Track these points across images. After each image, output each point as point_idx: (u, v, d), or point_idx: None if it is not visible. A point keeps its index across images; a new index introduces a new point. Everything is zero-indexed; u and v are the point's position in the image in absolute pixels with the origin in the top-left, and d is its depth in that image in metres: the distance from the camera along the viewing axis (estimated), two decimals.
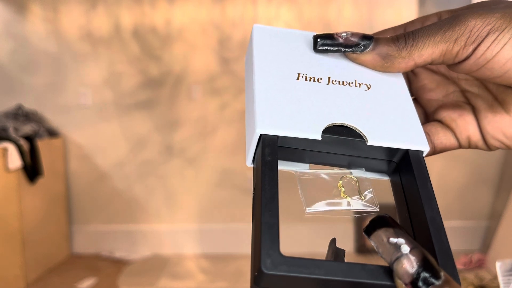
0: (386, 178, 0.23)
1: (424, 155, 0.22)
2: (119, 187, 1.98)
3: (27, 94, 1.93)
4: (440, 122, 0.27)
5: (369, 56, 0.22)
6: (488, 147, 0.26)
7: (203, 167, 1.96)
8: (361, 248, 1.94)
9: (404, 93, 0.24)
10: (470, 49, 0.21)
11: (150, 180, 1.97)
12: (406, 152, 0.21)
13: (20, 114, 1.83)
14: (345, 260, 0.19)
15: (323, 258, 0.20)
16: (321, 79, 0.23)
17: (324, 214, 0.20)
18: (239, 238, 1.97)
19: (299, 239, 1.95)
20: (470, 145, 0.26)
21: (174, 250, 1.98)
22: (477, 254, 1.76)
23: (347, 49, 0.22)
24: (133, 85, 1.93)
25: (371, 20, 1.89)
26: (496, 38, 0.20)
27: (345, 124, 0.21)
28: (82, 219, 2.00)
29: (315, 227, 1.95)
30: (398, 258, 0.16)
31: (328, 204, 0.21)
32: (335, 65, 0.23)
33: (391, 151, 0.22)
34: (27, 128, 1.74)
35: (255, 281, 0.16)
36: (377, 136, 0.21)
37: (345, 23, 1.89)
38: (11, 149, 1.57)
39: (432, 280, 0.15)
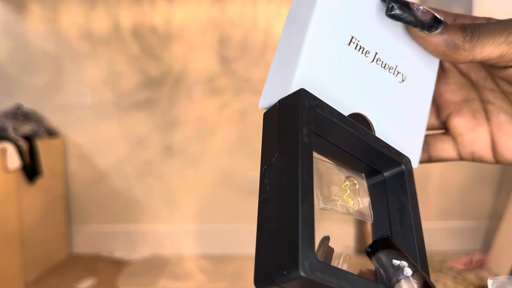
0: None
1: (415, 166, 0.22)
2: (118, 187, 1.97)
3: (26, 94, 1.93)
4: (446, 131, 0.27)
5: (435, 39, 0.22)
6: (498, 161, 0.26)
7: (203, 167, 1.96)
8: (362, 250, 1.94)
9: (427, 97, 0.24)
10: None
11: (149, 180, 1.97)
12: (402, 172, 0.21)
13: (20, 114, 1.83)
14: (344, 262, 0.19)
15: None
16: (368, 52, 0.22)
17: (331, 213, 0.20)
18: (239, 238, 1.97)
19: None
20: (473, 159, 0.26)
21: (174, 250, 1.97)
22: (478, 254, 1.76)
23: (417, 25, 0.21)
24: (133, 85, 1.93)
25: None
26: None
27: (362, 114, 0.21)
28: (82, 219, 2.00)
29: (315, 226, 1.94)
30: (399, 281, 0.16)
31: (336, 205, 0.20)
32: (386, 40, 0.22)
33: (388, 162, 0.22)
34: (26, 128, 1.74)
35: (278, 279, 0.15)
36: (383, 134, 0.21)
37: None
38: (10, 149, 1.57)
39: None
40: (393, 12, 0.21)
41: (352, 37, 0.21)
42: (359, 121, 0.21)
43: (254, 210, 1.96)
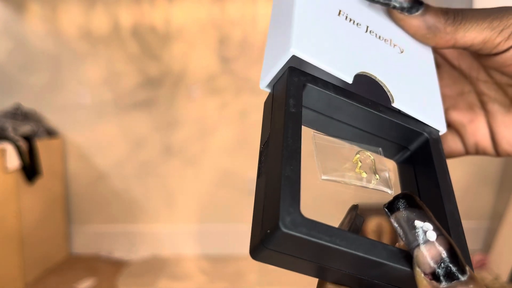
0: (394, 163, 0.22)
1: (440, 134, 0.21)
2: (118, 187, 1.97)
3: (25, 93, 1.92)
4: (448, 125, 0.26)
5: (415, 21, 0.21)
6: (498, 153, 0.25)
7: (203, 167, 1.95)
8: None
9: (431, 69, 0.23)
10: None
11: (149, 180, 1.97)
12: (426, 141, 0.20)
13: (19, 114, 1.82)
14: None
15: None
16: (360, 24, 0.21)
17: (337, 183, 0.19)
18: (239, 239, 1.96)
19: None
20: (478, 151, 0.26)
21: (174, 250, 1.97)
22: (479, 255, 1.75)
23: (396, 6, 0.21)
24: (132, 84, 1.92)
25: None
26: None
27: (376, 77, 0.20)
28: (81, 219, 2.00)
29: None
30: (421, 244, 0.14)
31: (343, 176, 0.19)
32: (375, 16, 0.22)
33: (410, 135, 0.21)
34: (26, 128, 1.73)
35: (264, 241, 0.14)
36: (403, 101, 0.20)
37: None
38: (10, 149, 1.57)
39: (457, 274, 0.13)
40: None
41: (340, 10, 0.21)
42: (369, 89, 0.20)
43: None
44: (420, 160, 0.21)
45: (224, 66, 1.90)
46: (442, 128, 0.21)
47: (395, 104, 0.20)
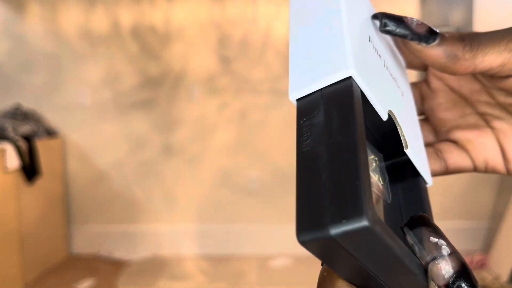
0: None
1: (432, 176, 0.22)
2: (118, 187, 1.97)
3: (25, 93, 1.92)
4: (454, 142, 0.26)
5: (433, 51, 0.20)
6: (509, 171, 0.25)
7: (203, 167, 1.95)
8: None
9: (416, 119, 0.24)
10: None
11: (149, 180, 1.96)
12: (421, 185, 0.22)
13: (19, 114, 1.82)
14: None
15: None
16: (380, 56, 0.21)
17: None
18: (239, 239, 1.96)
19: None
20: (487, 169, 0.25)
21: (174, 250, 1.97)
22: (479, 255, 1.75)
23: (414, 38, 0.20)
24: (132, 84, 1.92)
25: None
26: None
27: (397, 119, 0.20)
28: (81, 219, 1.99)
29: None
30: (436, 259, 0.15)
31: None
32: (384, 50, 0.22)
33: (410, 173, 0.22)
34: (26, 128, 1.73)
35: (331, 230, 0.13)
36: (413, 149, 0.20)
37: None
38: (10, 149, 1.56)
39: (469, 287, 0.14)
40: (387, 28, 0.20)
41: (369, 36, 0.20)
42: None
43: (254, 210, 1.96)
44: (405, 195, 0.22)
45: (224, 66, 1.90)
46: (429, 181, 0.22)
47: (407, 151, 0.20)
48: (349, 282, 0.15)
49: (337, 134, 0.15)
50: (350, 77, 0.17)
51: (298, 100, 0.18)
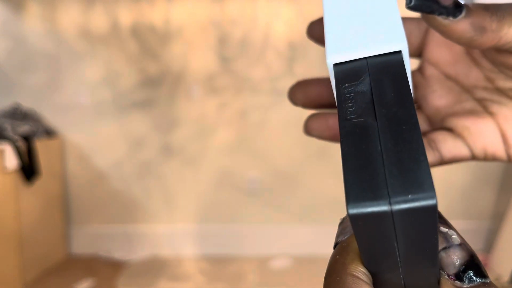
0: None
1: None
2: (117, 188, 1.96)
3: (24, 93, 1.92)
4: (450, 130, 0.24)
5: (461, 25, 0.19)
6: (510, 158, 0.24)
7: (203, 167, 1.95)
8: None
9: None
10: None
11: (148, 181, 1.96)
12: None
13: (18, 114, 1.82)
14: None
15: (323, 259, 0.18)
16: None
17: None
18: (239, 239, 1.96)
19: (299, 239, 1.94)
20: (486, 156, 0.24)
21: (173, 251, 1.96)
22: (479, 255, 1.75)
23: (442, 12, 0.19)
24: (132, 84, 1.92)
25: None
26: None
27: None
28: (80, 220, 1.99)
29: (315, 227, 1.93)
30: (446, 248, 0.15)
31: None
32: None
33: None
34: (25, 128, 1.73)
35: (396, 202, 0.12)
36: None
37: None
38: (9, 149, 1.56)
39: (478, 277, 0.14)
40: (412, 4, 0.19)
41: None
42: None
43: (254, 210, 1.95)
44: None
45: (224, 65, 1.89)
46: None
47: None
48: (365, 267, 0.15)
49: (392, 106, 0.15)
50: (400, 51, 0.16)
51: (335, 65, 0.17)
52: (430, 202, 0.12)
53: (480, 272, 0.15)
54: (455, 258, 0.15)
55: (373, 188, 0.12)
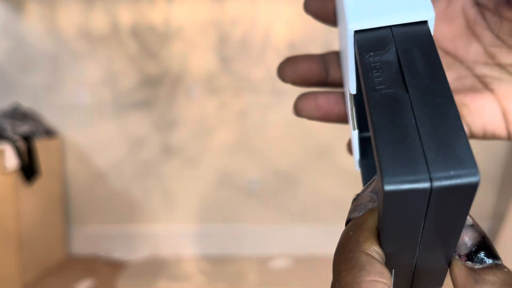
0: None
1: None
2: (117, 188, 1.97)
3: (24, 93, 1.92)
4: None
5: None
6: (511, 136, 0.23)
7: (202, 167, 1.95)
8: None
9: None
10: None
11: (148, 181, 1.96)
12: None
13: (17, 114, 1.82)
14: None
15: (323, 259, 0.18)
16: None
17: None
18: (239, 239, 1.96)
19: (300, 241, 1.94)
20: (486, 135, 0.23)
21: (173, 251, 1.97)
22: None
23: None
24: (132, 84, 1.92)
25: None
26: None
27: None
28: (80, 220, 1.99)
29: (315, 227, 1.93)
30: None
31: None
32: None
33: None
34: (25, 128, 1.73)
35: (437, 179, 0.11)
36: None
37: None
38: (8, 149, 1.56)
39: (490, 258, 0.14)
40: None
41: None
42: None
43: (254, 210, 1.95)
44: None
45: (223, 65, 1.90)
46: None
47: None
48: (379, 246, 0.14)
49: (424, 78, 0.14)
50: (426, 21, 0.16)
51: (357, 32, 0.16)
52: (472, 179, 0.11)
53: (492, 253, 0.15)
54: (467, 238, 0.15)
55: (411, 163, 0.12)
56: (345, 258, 0.14)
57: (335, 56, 0.27)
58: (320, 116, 0.26)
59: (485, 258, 0.14)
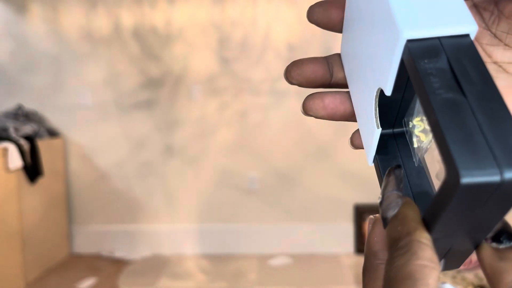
0: None
1: None
2: (119, 187, 1.98)
3: (27, 94, 1.93)
4: None
5: None
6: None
7: (203, 167, 1.96)
8: (362, 248, 1.94)
9: None
10: None
11: (150, 180, 1.97)
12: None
13: (20, 114, 1.83)
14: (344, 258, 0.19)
15: (321, 258, 0.19)
16: None
17: None
18: (239, 238, 1.97)
19: (300, 239, 1.95)
20: None
21: (174, 250, 1.98)
22: None
23: None
24: (133, 85, 1.93)
25: None
26: None
27: None
28: (82, 219, 2.00)
29: (314, 226, 1.94)
30: None
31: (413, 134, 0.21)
32: None
33: None
34: (27, 128, 1.74)
35: (508, 175, 0.13)
36: None
37: None
38: (12, 149, 1.57)
39: (511, 241, 0.16)
40: None
41: None
42: None
43: (254, 210, 1.97)
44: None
45: (224, 66, 1.91)
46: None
47: None
48: (428, 233, 0.16)
49: (477, 84, 0.15)
50: (468, 34, 0.17)
51: (409, 40, 0.18)
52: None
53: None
54: None
55: (482, 159, 0.13)
56: (399, 248, 0.16)
57: (338, 58, 0.29)
58: (326, 115, 0.28)
59: (507, 240, 0.16)
